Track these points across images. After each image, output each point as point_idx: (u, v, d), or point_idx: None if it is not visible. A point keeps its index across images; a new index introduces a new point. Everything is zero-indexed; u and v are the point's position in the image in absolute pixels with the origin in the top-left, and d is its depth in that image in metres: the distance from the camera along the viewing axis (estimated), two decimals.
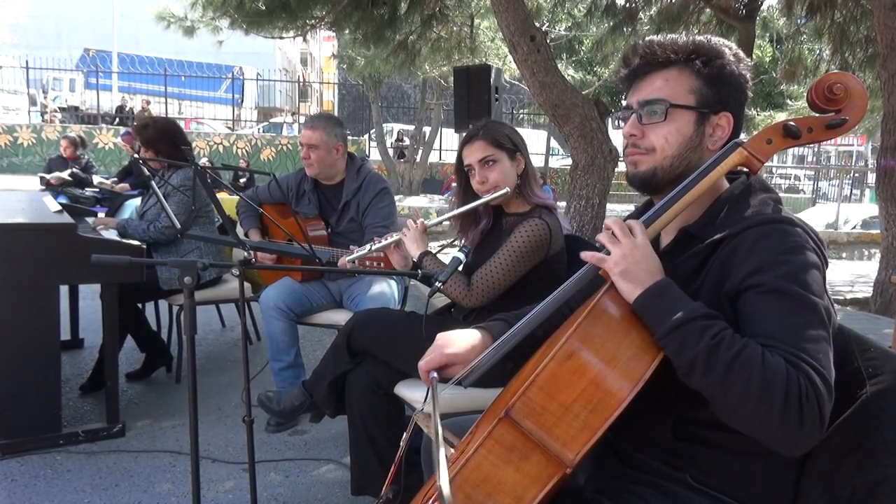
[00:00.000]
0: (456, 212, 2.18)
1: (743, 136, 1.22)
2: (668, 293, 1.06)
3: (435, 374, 1.28)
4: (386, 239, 2.14)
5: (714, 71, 1.19)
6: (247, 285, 3.44)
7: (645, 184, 1.24)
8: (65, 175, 8.00)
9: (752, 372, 0.97)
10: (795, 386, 0.96)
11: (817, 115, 1.16)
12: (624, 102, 1.28)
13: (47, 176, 8.04)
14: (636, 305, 1.07)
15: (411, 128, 17.82)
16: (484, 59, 8.08)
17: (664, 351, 1.04)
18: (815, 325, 1.03)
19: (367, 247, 2.11)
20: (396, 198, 3.17)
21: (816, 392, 0.96)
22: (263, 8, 6.34)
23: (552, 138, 17.68)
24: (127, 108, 18.88)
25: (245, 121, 22.45)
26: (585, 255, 1.15)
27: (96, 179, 8.78)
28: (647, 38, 1.23)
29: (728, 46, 1.20)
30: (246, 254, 2.21)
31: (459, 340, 1.35)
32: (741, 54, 1.21)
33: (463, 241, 2.22)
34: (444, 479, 0.84)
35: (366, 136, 17.67)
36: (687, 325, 1.02)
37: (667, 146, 1.20)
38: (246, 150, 15.97)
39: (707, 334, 1.00)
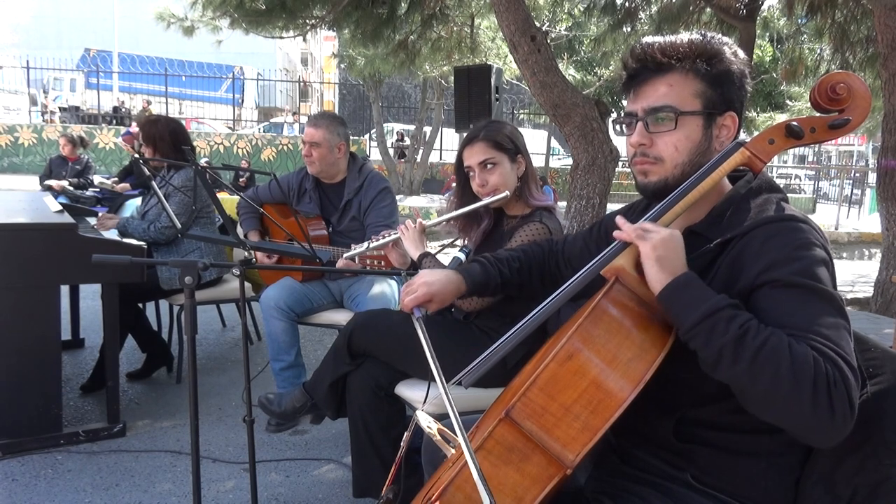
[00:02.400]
0: (455, 213, 2.17)
1: (744, 136, 1.21)
2: (694, 285, 1.05)
3: (419, 312, 1.39)
4: (383, 237, 2.13)
5: (716, 71, 1.18)
6: (247, 285, 3.44)
7: (657, 194, 1.22)
8: (64, 183, 8.02)
9: (780, 361, 0.95)
10: (823, 373, 0.95)
11: (820, 115, 1.15)
12: (625, 104, 1.27)
13: (52, 183, 8.05)
14: (662, 294, 1.06)
15: (412, 128, 17.80)
16: (484, 59, 8.07)
17: (690, 344, 1.03)
18: (834, 314, 1.02)
19: (365, 245, 2.11)
20: (397, 198, 3.18)
21: (844, 378, 0.95)
22: (263, 7, 6.34)
23: (553, 138, 17.68)
24: (123, 109, 18.87)
25: (245, 121, 22.46)
26: (623, 226, 1.12)
27: (97, 179, 8.77)
28: (644, 41, 1.21)
29: (725, 44, 1.19)
30: (246, 254, 2.21)
31: (439, 279, 1.46)
32: (738, 51, 1.20)
33: (464, 242, 2.22)
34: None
35: (366, 136, 17.67)
36: (714, 316, 1.00)
37: (676, 155, 1.19)
38: (246, 150, 15.96)
39: (734, 324, 0.99)
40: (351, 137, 3.12)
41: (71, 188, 8.06)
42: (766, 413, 1.00)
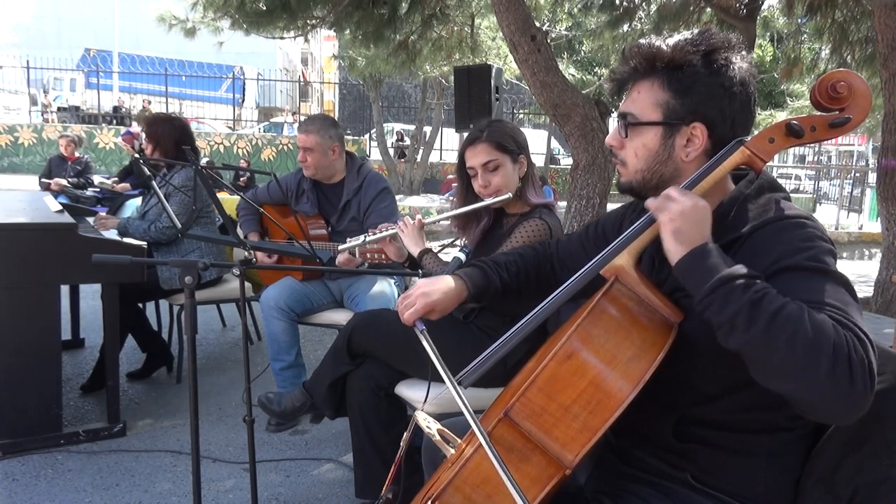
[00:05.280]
0: (456, 212, 2.17)
1: None
2: (713, 255, 1.03)
3: (423, 326, 1.32)
4: (381, 231, 2.13)
5: (683, 81, 1.15)
6: (247, 285, 3.43)
7: (627, 193, 1.26)
8: (64, 182, 8.03)
9: (798, 325, 0.92)
10: (843, 340, 0.92)
11: (820, 113, 1.15)
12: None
13: (48, 181, 8.05)
14: (678, 266, 1.05)
15: (412, 127, 17.80)
16: (484, 59, 8.08)
17: (705, 313, 1.01)
18: (847, 295, 1.01)
19: (362, 238, 2.11)
20: (397, 197, 3.18)
21: (865, 349, 0.92)
22: (264, 8, 6.34)
23: (553, 138, 17.68)
24: (123, 109, 18.86)
25: (246, 120, 22.45)
26: (651, 201, 1.12)
27: (97, 179, 8.78)
28: (632, 44, 1.22)
29: (708, 49, 1.15)
30: (246, 254, 2.21)
31: (438, 288, 1.38)
32: (722, 58, 1.15)
33: (464, 242, 2.22)
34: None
35: (366, 136, 17.67)
36: (730, 283, 0.99)
37: (636, 160, 1.21)
38: (247, 150, 15.96)
39: (750, 290, 0.97)
40: (351, 137, 3.13)
41: (70, 188, 8.06)
42: (780, 383, 0.96)
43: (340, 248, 2.07)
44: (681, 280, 1.06)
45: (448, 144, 17.53)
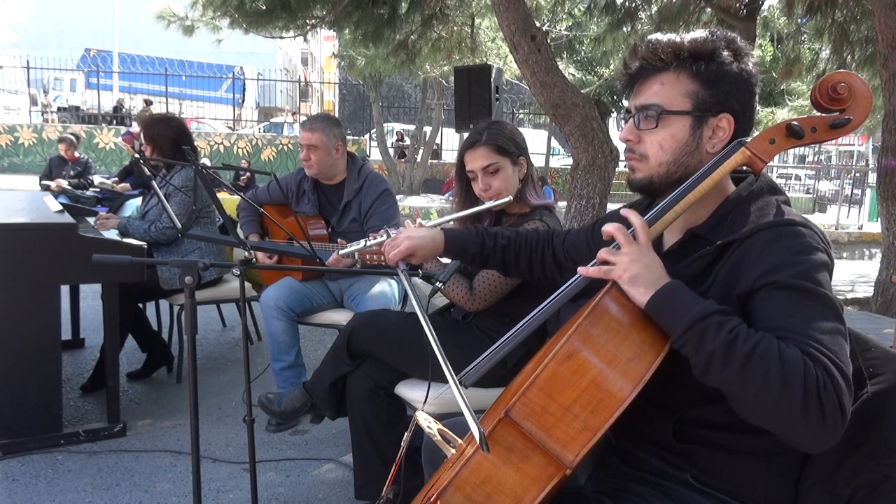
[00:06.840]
0: (457, 215, 2.17)
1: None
2: (680, 293, 1.05)
3: (404, 266, 1.50)
4: (380, 236, 2.13)
5: (711, 72, 1.16)
6: (247, 285, 3.43)
7: (643, 190, 1.25)
8: (63, 183, 8.04)
9: (770, 365, 0.95)
10: (813, 378, 0.94)
11: (821, 114, 1.15)
12: (625, 103, 1.28)
13: (49, 183, 8.06)
14: (649, 308, 1.06)
15: (412, 128, 17.81)
16: (484, 59, 8.07)
17: (682, 350, 1.03)
18: (830, 318, 1.02)
19: (362, 242, 2.11)
20: (397, 198, 3.18)
21: (834, 383, 0.95)
22: (264, 7, 6.34)
23: (553, 138, 17.68)
24: (123, 109, 18.87)
25: (246, 120, 22.45)
26: (587, 271, 1.13)
27: (97, 179, 8.78)
28: (646, 40, 1.21)
29: (727, 42, 1.17)
30: (246, 254, 2.21)
31: (422, 235, 1.54)
32: (742, 50, 1.18)
33: None
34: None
35: (366, 136, 17.67)
36: (703, 322, 1.00)
37: (661, 153, 1.19)
38: (247, 150, 15.96)
39: (724, 329, 0.99)
40: (351, 137, 3.13)
41: (70, 188, 8.07)
42: (757, 418, 1.00)
43: (341, 252, 2.08)
44: (655, 320, 1.07)
45: (448, 144, 17.54)
